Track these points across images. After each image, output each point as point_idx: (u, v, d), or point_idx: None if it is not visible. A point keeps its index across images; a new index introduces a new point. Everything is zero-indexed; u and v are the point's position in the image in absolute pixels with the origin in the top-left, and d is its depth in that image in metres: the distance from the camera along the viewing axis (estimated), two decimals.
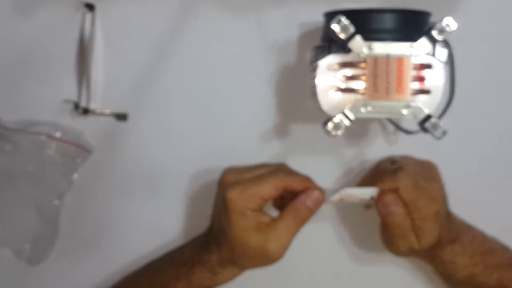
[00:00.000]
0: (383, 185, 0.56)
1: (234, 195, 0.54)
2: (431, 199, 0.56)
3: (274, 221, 0.55)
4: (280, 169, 0.58)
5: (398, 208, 0.55)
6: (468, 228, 0.62)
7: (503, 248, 0.62)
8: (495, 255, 0.61)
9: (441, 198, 0.58)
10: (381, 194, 0.56)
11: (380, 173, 0.61)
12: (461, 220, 0.62)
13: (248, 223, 0.54)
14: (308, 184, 0.56)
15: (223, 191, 0.55)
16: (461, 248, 0.59)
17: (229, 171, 0.58)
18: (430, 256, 0.60)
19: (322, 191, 0.56)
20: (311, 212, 0.55)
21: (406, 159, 0.63)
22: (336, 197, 0.56)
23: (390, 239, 0.59)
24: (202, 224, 0.63)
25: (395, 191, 0.55)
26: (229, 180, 0.57)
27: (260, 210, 0.55)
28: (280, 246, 0.54)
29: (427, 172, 0.60)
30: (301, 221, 0.55)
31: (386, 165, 0.63)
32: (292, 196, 0.56)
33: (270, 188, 0.54)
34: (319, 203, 0.55)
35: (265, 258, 0.55)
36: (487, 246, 0.61)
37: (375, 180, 0.57)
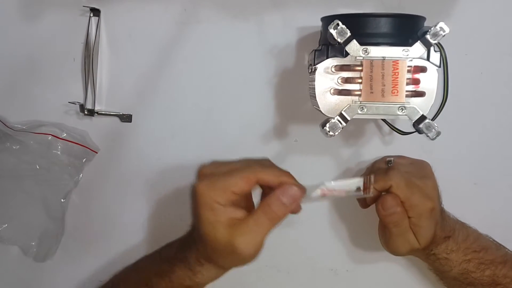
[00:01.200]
0: (377, 185, 0.56)
1: (202, 188, 0.50)
2: (426, 196, 0.56)
3: (245, 217, 0.50)
4: (257, 163, 0.53)
5: (397, 207, 0.55)
6: (462, 226, 0.62)
7: (496, 246, 0.63)
8: (488, 252, 0.61)
9: (436, 195, 0.58)
10: (382, 198, 0.56)
11: (374, 172, 0.61)
12: (455, 218, 0.62)
13: (217, 218, 0.50)
14: (284, 179, 0.51)
15: (193, 184, 0.52)
16: (455, 245, 0.60)
17: (206, 165, 0.54)
18: (425, 253, 0.60)
19: (300, 186, 0.51)
20: (286, 208, 0.50)
21: (400, 158, 0.64)
22: (317, 192, 0.52)
23: (389, 240, 0.59)
24: None
25: (388, 189, 0.56)
26: (203, 173, 0.53)
27: (232, 205, 0.51)
28: (249, 244, 0.50)
29: (420, 170, 0.60)
30: (274, 218, 0.50)
31: (380, 165, 0.64)
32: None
33: (240, 181, 0.50)
34: (295, 199, 0.50)
35: (235, 256, 0.50)
36: (481, 244, 0.61)
37: None
